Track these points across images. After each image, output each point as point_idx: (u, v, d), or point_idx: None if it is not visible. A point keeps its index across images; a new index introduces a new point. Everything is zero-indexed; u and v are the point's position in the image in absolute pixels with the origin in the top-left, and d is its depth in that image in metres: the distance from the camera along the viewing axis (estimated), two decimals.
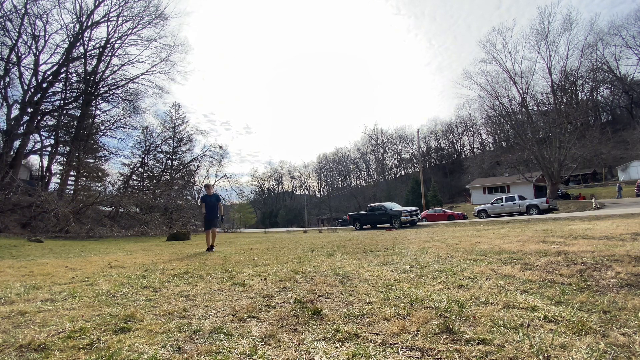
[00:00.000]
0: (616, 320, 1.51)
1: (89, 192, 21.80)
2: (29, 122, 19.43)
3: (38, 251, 7.61)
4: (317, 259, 4.60)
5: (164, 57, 24.14)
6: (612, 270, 2.52)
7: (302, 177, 78.67)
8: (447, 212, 26.78)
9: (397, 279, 2.81)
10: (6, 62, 18.89)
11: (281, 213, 66.78)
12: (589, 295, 1.94)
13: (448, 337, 1.44)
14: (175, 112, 31.36)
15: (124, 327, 1.79)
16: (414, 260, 3.87)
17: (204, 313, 2.06)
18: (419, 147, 40.60)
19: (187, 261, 5.12)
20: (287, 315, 1.92)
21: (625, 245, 3.70)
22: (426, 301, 2.01)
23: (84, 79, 22.46)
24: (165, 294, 2.69)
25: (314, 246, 7.04)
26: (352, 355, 1.31)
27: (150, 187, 27.37)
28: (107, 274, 3.85)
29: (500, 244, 4.82)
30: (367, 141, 70.87)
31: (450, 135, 67.35)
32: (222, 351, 1.43)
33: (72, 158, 21.06)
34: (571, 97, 33.72)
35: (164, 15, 23.63)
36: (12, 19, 18.84)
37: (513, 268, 2.92)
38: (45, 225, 14.84)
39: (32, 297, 2.61)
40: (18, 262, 5.21)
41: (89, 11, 21.76)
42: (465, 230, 9.42)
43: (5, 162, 17.47)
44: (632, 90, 44.93)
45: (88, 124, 23.48)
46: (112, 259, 5.57)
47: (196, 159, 31.05)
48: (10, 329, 1.80)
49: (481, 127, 50.55)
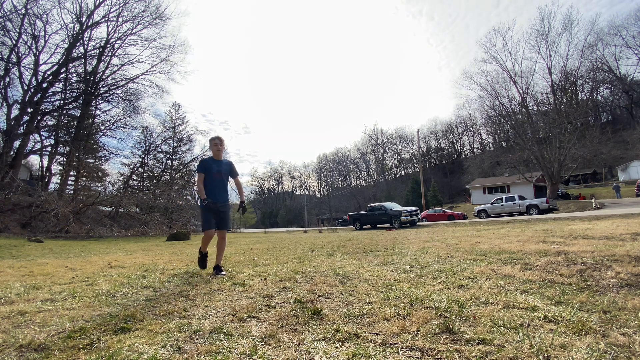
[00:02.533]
0: (616, 320, 1.51)
1: (89, 192, 21.79)
2: (29, 122, 19.43)
3: (38, 251, 7.61)
4: (317, 259, 4.60)
5: (164, 57, 24.15)
6: (612, 270, 2.52)
7: (302, 177, 78.69)
8: (447, 212, 26.78)
9: (397, 279, 2.81)
10: (6, 62, 18.89)
11: (281, 213, 66.78)
12: (589, 295, 1.94)
13: (448, 337, 1.44)
14: (175, 112, 31.38)
15: (124, 327, 1.79)
16: (414, 260, 3.87)
17: (204, 313, 2.06)
18: (419, 147, 40.59)
19: (187, 261, 5.12)
20: (287, 315, 1.92)
21: (625, 245, 3.70)
22: (426, 301, 2.01)
23: (84, 79, 22.46)
24: (165, 294, 2.69)
25: (314, 246, 7.03)
26: (352, 355, 1.31)
27: (150, 187, 27.37)
28: (107, 274, 3.85)
29: (500, 244, 4.82)
30: (367, 141, 70.93)
31: (450, 135, 67.35)
32: (222, 351, 1.43)
33: (72, 158, 21.05)
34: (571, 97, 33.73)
35: (164, 15, 23.64)
36: (12, 19, 18.84)
37: (513, 268, 2.92)
38: (45, 225, 14.84)
39: (32, 297, 2.61)
40: (18, 262, 5.21)
41: (89, 11, 21.77)
42: (465, 230, 9.42)
43: (5, 162, 17.47)
44: (632, 90, 44.92)
45: (88, 124, 23.48)
46: (112, 259, 5.57)
47: (196, 159, 31.00)
48: (10, 329, 1.80)
49: (481, 127, 50.54)
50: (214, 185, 3.82)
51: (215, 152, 3.92)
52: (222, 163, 3.93)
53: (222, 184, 3.89)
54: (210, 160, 3.90)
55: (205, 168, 3.83)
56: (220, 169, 3.88)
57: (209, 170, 3.81)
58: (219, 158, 3.95)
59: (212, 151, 3.96)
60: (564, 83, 29.83)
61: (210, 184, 3.81)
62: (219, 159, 3.94)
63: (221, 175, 3.88)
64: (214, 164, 3.86)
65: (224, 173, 3.92)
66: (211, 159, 3.92)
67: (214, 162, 3.89)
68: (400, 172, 70.35)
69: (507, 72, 27.93)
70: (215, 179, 3.83)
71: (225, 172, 3.93)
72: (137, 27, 23.19)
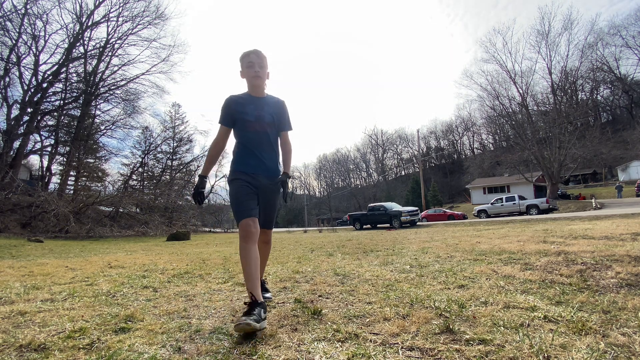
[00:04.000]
0: (616, 320, 1.51)
1: (89, 192, 21.81)
2: (29, 122, 19.44)
3: (38, 251, 7.61)
4: (317, 259, 4.60)
5: (164, 57, 24.22)
6: (612, 270, 2.52)
7: (302, 177, 78.68)
8: (447, 212, 26.80)
9: (397, 279, 2.81)
10: (6, 62, 18.90)
11: (281, 213, 66.77)
12: (589, 295, 1.94)
13: (448, 337, 1.44)
14: (175, 112, 31.42)
15: (124, 327, 1.79)
16: (414, 260, 3.87)
17: (204, 313, 2.06)
18: (419, 147, 40.60)
19: (187, 261, 5.12)
20: (287, 315, 1.92)
21: (625, 245, 3.69)
22: (426, 301, 2.01)
23: (84, 79, 22.49)
24: (165, 294, 2.69)
25: (314, 246, 7.03)
26: (352, 355, 1.31)
27: (150, 187, 27.40)
28: (107, 274, 3.85)
29: (500, 244, 4.82)
30: (367, 141, 71.07)
31: (450, 135, 67.43)
32: (222, 351, 1.43)
33: (72, 158, 21.07)
34: (571, 97, 33.75)
35: (164, 15, 23.71)
36: (12, 19, 18.85)
37: (513, 268, 2.92)
38: (45, 225, 14.84)
39: (32, 297, 2.61)
40: (18, 262, 5.21)
41: (89, 11, 21.80)
42: (465, 230, 9.42)
43: (5, 162, 17.47)
44: (632, 90, 44.94)
45: (88, 124, 23.51)
46: (112, 259, 5.57)
47: (196, 159, 31.08)
48: (10, 329, 1.80)
49: (481, 127, 50.59)
50: (252, 144, 2.03)
51: (252, 78, 2.06)
52: (265, 102, 2.10)
53: (266, 142, 2.06)
54: (243, 98, 2.09)
55: (232, 113, 2.04)
56: (263, 112, 2.05)
57: (241, 117, 2.02)
58: (260, 93, 2.12)
59: (247, 78, 2.10)
60: (564, 83, 29.85)
61: (245, 142, 2.05)
62: (259, 95, 2.12)
63: (264, 125, 2.04)
64: (249, 103, 2.06)
65: (269, 122, 2.06)
66: (247, 96, 2.11)
67: (250, 99, 2.08)
68: (400, 172, 70.41)
69: (507, 72, 27.97)
70: (252, 133, 2.02)
71: (272, 120, 2.08)
72: (137, 27, 23.25)
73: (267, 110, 2.09)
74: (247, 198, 1.95)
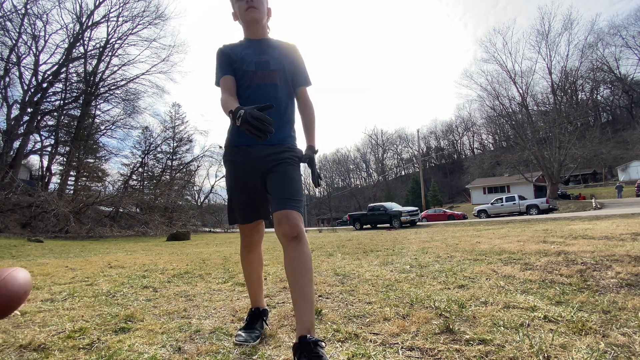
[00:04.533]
0: (616, 320, 1.51)
1: (89, 192, 21.80)
2: (29, 122, 19.45)
3: (38, 251, 7.61)
4: (317, 259, 4.60)
5: (164, 57, 24.26)
6: (612, 270, 2.52)
7: (302, 177, 78.67)
8: (447, 212, 26.81)
9: (397, 279, 2.81)
10: (6, 62, 18.91)
11: None
12: (589, 295, 1.94)
13: (448, 337, 1.44)
14: (175, 112, 31.44)
15: (124, 327, 1.79)
16: (414, 260, 3.87)
17: (204, 313, 2.06)
18: (419, 147, 40.59)
19: (187, 261, 5.12)
20: (287, 315, 1.92)
21: (625, 245, 3.69)
22: (426, 301, 2.01)
23: (84, 79, 22.51)
24: (165, 294, 2.68)
25: (313, 246, 7.03)
26: (352, 355, 1.31)
27: (150, 187, 27.39)
28: (107, 274, 3.85)
29: (500, 244, 4.82)
30: (367, 141, 71.06)
31: (450, 135, 67.47)
32: (222, 351, 1.43)
33: (72, 158, 21.08)
34: (571, 97, 33.76)
35: (164, 15, 23.75)
36: (12, 19, 18.87)
37: (513, 268, 2.92)
38: (45, 225, 14.83)
39: (32, 297, 2.61)
40: (18, 262, 5.21)
41: (89, 11, 21.82)
42: (465, 230, 9.42)
43: (5, 162, 17.48)
44: (632, 90, 44.95)
45: (88, 124, 23.53)
46: (112, 259, 5.57)
47: (196, 159, 31.12)
48: (10, 329, 1.80)
49: (481, 127, 50.62)
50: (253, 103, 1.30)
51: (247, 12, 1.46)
52: (268, 44, 1.54)
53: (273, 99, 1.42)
54: (239, 43, 1.55)
55: (227, 61, 1.48)
56: (267, 57, 1.48)
57: (239, 66, 1.47)
58: (260, 32, 1.54)
59: (240, 16, 1.50)
60: (564, 83, 29.86)
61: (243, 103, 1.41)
62: (258, 36, 1.54)
63: (270, 76, 1.46)
64: (246, 48, 1.51)
65: (276, 70, 1.48)
66: (244, 41, 1.56)
67: (248, 43, 1.53)
68: (400, 172, 70.44)
69: (507, 72, 28.00)
70: (254, 88, 1.45)
71: (281, 67, 1.50)
72: (137, 27, 23.28)
73: (272, 54, 1.49)
74: (242, 200, 1.54)
